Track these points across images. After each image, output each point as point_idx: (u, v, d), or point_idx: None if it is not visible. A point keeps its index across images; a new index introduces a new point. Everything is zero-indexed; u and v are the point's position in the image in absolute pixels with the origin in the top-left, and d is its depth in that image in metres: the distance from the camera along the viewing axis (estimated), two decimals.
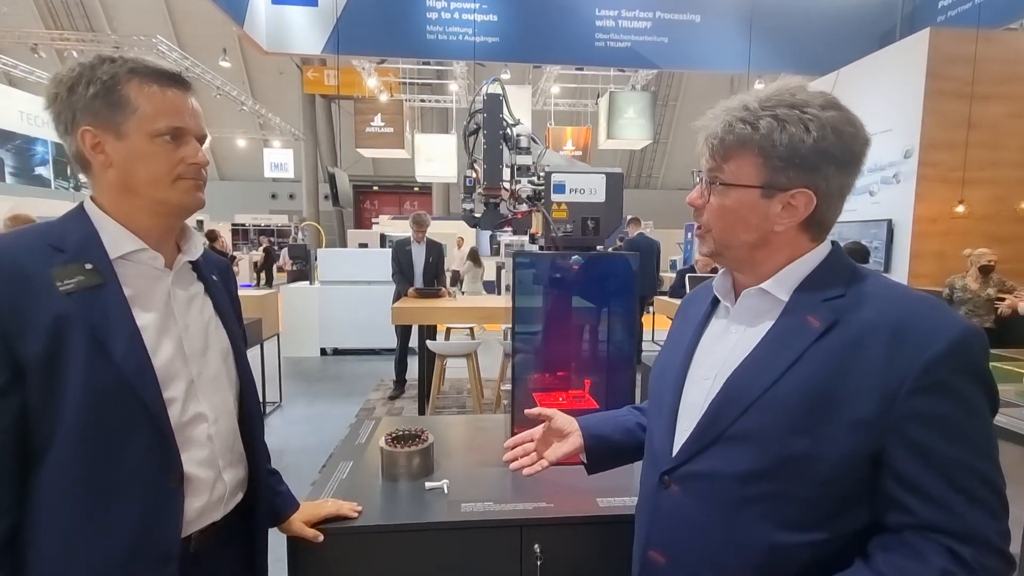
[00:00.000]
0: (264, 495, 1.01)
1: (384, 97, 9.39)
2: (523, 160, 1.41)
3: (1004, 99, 4.44)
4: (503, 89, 1.42)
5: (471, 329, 5.15)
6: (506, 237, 11.68)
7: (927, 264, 4.47)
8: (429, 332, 4.17)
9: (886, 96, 4.78)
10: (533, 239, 1.53)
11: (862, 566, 0.64)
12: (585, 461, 1.04)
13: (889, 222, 4.77)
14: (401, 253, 4.64)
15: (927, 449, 0.61)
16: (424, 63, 9.71)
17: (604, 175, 1.38)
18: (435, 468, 1.36)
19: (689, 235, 13.48)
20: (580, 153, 9.92)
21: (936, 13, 6.15)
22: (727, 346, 0.78)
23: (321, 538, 1.08)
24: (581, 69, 9.17)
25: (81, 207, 0.83)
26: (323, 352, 6.46)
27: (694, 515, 0.74)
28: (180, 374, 0.84)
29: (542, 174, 1.39)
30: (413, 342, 4.88)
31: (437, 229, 5.03)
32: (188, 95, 0.84)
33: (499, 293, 9.59)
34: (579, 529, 1.16)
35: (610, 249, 1.48)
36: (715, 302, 0.86)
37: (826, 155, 0.68)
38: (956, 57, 4.35)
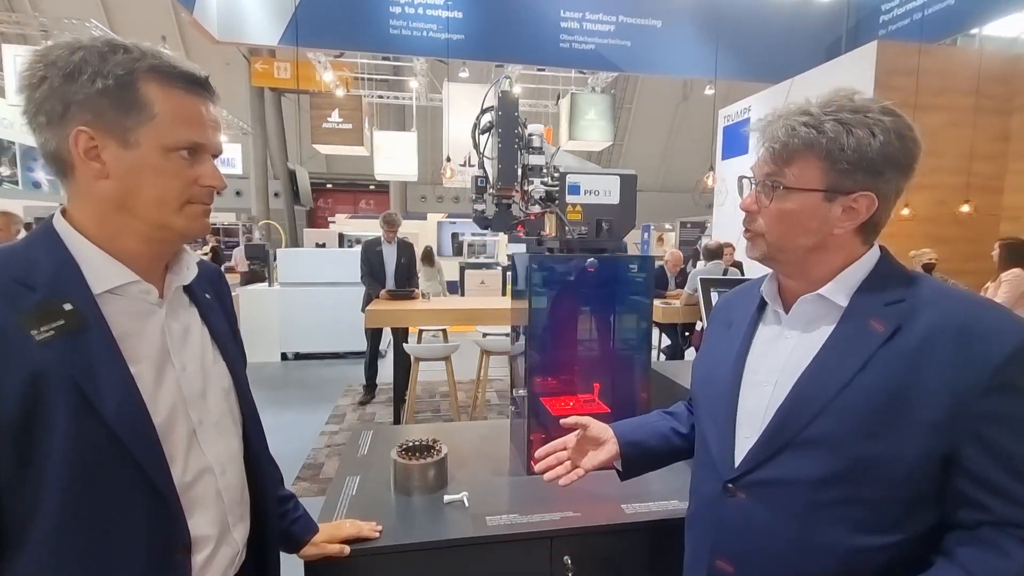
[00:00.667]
0: (274, 535, 0.90)
1: (340, 92, 9.08)
2: (536, 160, 1.38)
3: (941, 109, 4.77)
4: (511, 87, 1.39)
5: (443, 331, 5.06)
6: (468, 236, 11.63)
7: None
8: (402, 334, 4.07)
9: None
10: (541, 241, 1.50)
11: (947, 563, 0.65)
12: (620, 468, 1.02)
13: None
14: (371, 254, 4.49)
15: (1002, 447, 0.63)
16: (384, 58, 9.49)
17: (618, 177, 1.37)
18: (449, 480, 1.31)
19: (646, 235, 13.79)
20: None
21: (878, 27, 6.55)
22: (783, 352, 0.78)
23: (347, 551, 1.02)
24: (543, 70, 9.20)
25: (50, 228, 0.68)
26: (284, 357, 6.19)
27: (766, 522, 0.73)
28: (180, 425, 0.71)
29: (555, 175, 1.36)
30: (383, 345, 4.75)
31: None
32: (210, 103, 0.72)
33: (462, 294, 9.51)
34: (608, 538, 1.14)
35: None
36: (760, 307, 0.86)
37: (890, 159, 0.70)
38: (900, 69, 4.65)
